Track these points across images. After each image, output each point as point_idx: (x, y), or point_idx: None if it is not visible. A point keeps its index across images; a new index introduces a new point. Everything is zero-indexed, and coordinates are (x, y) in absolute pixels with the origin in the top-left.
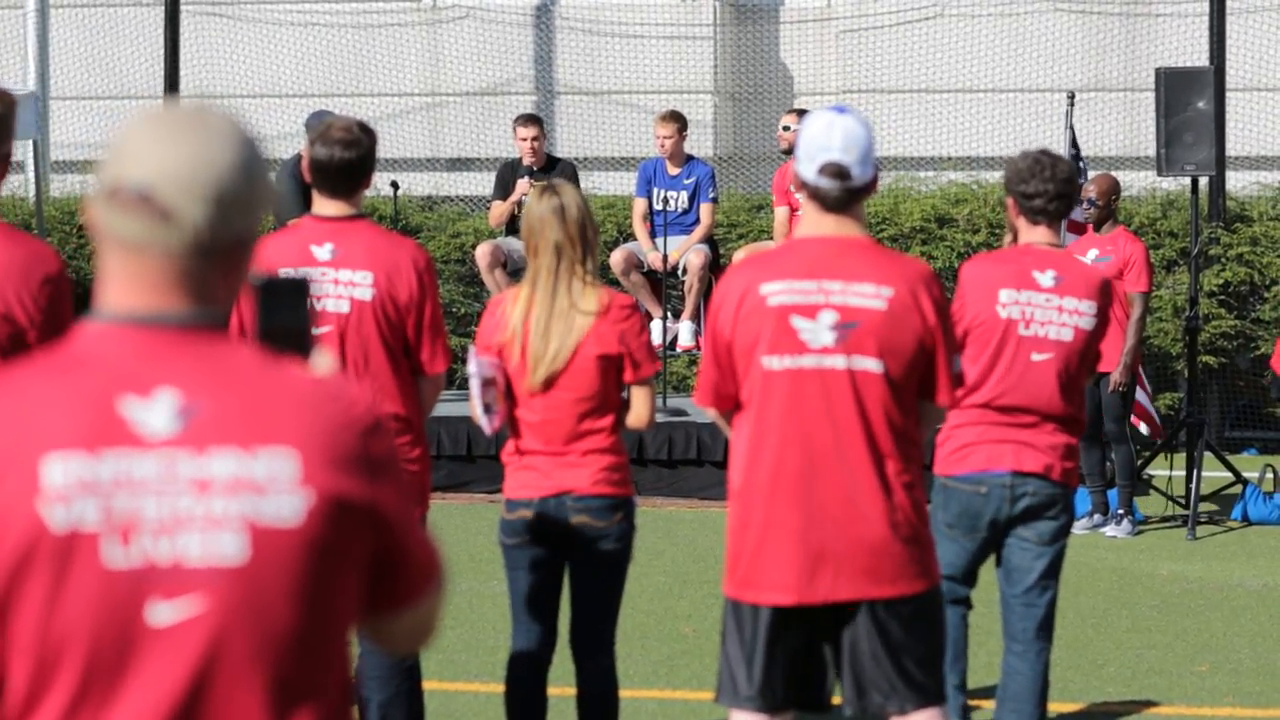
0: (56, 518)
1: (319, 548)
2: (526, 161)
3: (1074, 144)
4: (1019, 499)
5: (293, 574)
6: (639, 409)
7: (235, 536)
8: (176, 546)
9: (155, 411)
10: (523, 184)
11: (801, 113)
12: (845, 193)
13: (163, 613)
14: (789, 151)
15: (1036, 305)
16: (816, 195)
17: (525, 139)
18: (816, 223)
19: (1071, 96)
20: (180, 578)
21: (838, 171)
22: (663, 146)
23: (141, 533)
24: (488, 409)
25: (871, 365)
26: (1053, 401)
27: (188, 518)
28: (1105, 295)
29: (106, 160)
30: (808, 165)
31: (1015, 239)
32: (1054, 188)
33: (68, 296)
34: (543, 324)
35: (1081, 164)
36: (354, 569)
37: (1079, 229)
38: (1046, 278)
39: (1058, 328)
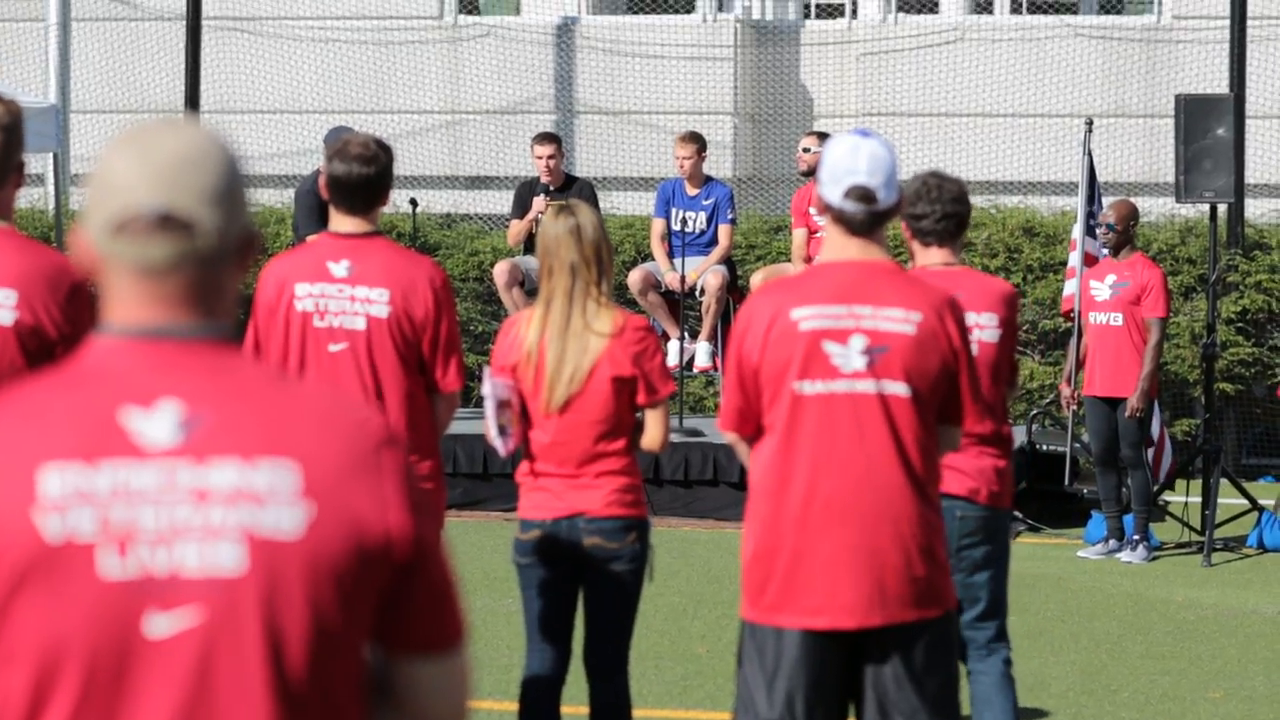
0: (51, 528)
1: (320, 561)
2: (543, 180)
3: (1090, 170)
4: (948, 522)
5: (292, 586)
6: (653, 431)
7: (233, 547)
8: (174, 557)
9: (157, 422)
10: (539, 202)
11: (822, 135)
12: (870, 216)
13: (160, 624)
14: (808, 173)
15: None
16: (841, 219)
17: (542, 157)
18: (841, 246)
19: (1090, 122)
20: (177, 588)
21: (864, 195)
22: (682, 167)
23: (138, 543)
24: (502, 431)
25: (900, 389)
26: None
27: (185, 528)
28: (1008, 306)
29: (96, 197)
30: (832, 188)
31: (912, 261)
32: (941, 208)
33: (90, 308)
34: (557, 345)
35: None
36: (362, 587)
37: (1091, 261)
38: None
39: None
